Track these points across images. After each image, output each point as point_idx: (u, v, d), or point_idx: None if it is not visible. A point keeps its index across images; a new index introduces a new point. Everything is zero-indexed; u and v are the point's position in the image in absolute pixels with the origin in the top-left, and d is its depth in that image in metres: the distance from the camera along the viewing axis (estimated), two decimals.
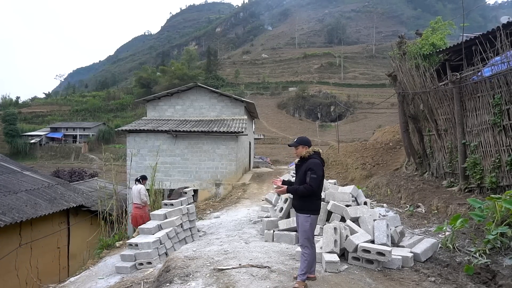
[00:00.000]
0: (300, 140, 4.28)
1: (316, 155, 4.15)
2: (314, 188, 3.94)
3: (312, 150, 4.16)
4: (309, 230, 4.01)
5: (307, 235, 4.00)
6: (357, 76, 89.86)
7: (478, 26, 70.80)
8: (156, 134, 16.79)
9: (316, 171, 3.96)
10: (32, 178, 11.91)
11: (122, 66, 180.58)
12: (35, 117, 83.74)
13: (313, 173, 3.97)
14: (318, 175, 3.96)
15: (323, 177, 4.07)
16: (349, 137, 47.95)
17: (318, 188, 4.01)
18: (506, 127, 6.69)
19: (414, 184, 9.71)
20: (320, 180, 4.01)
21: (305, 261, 3.89)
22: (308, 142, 4.26)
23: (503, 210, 4.77)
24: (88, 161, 60.26)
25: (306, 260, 3.90)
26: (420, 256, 4.81)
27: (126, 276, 6.04)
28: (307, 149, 4.19)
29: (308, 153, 4.14)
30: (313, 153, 4.14)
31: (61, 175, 23.34)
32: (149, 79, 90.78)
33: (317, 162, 4.05)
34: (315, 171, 3.96)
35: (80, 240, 11.55)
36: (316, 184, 3.95)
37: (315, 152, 4.16)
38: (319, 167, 4.02)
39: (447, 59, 11.26)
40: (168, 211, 7.37)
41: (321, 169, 4.04)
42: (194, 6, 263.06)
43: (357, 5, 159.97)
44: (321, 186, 4.09)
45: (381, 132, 24.54)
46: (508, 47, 6.59)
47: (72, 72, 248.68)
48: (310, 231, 4.03)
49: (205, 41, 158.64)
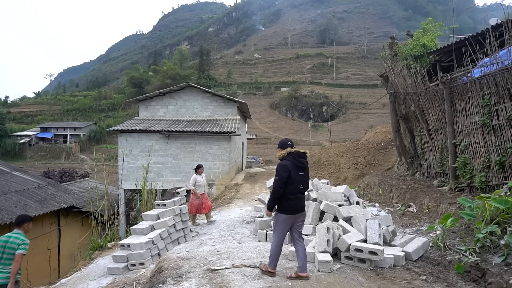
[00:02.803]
0: (278, 143, 4.48)
1: (290, 156, 4.22)
2: (276, 189, 4.10)
3: (286, 152, 4.26)
4: (275, 226, 4.31)
5: (274, 230, 4.30)
6: (349, 77, 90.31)
7: (468, 28, 71.66)
8: (148, 134, 16.69)
9: (278, 172, 4.14)
10: (21, 179, 11.75)
11: (114, 66, 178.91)
12: (24, 117, 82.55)
13: (276, 175, 4.18)
14: (279, 177, 4.10)
15: (287, 177, 4.10)
16: (341, 137, 48.20)
17: (280, 188, 4.09)
18: (495, 127, 6.79)
19: (405, 184, 9.79)
20: (282, 181, 4.09)
21: (271, 250, 4.22)
22: (282, 144, 4.38)
23: (492, 209, 4.83)
24: (79, 161, 59.62)
25: (272, 249, 4.20)
26: (411, 255, 4.86)
27: (118, 277, 6.00)
28: (280, 151, 4.34)
29: (281, 155, 4.29)
30: (286, 155, 4.24)
31: (51, 176, 23.07)
32: (141, 78, 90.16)
33: (282, 164, 4.18)
34: (277, 173, 4.15)
35: (71, 241, 11.43)
36: (277, 185, 4.09)
37: (289, 154, 4.24)
38: (282, 168, 4.13)
39: (437, 60, 11.40)
40: (160, 212, 7.34)
41: (285, 170, 4.11)
42: (187, 6, 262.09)
43: (349, 6, 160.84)
44: (286, 186, 4.11)
45: (373, 132, 24.71)
46: (497, 48, 6.68)
47: (62, 72, 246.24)
48: (276, 227, 4.27)
49: (198, 41, 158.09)
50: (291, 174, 4.11)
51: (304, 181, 4.28)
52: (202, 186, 9.03)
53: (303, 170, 4.27)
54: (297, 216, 4.23)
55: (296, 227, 4.31)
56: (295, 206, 4.19)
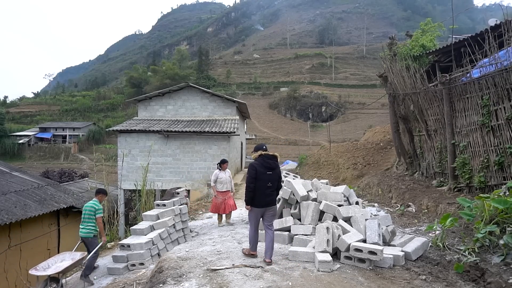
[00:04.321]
0: (254, 147, 5.23)
1: (260, 158, 4.97)
2: (247, 184, 4.94)
3: (258, 154, 5.02)
4: (249, 217, 5.13)
5: (249, 220, 5.14)
6: (348, 77, 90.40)
7: (466, 28, 71.81)
8: (148, 134, 16.69)
9: (248, 171, 4.97)
10: (21, 179, 11.73)
11: (113, 66, 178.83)
12: (23, 117, 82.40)
13: (247, 173, 5.03)
14: (249, 175, 4.92)
15: (254, 175, 4.86)
16: (340, 137, 48.27)
17: (251, 183, 4.87)
18: (494, 128, 6.81)
19: (404, 184, 9.81)
20: (251, 177, 4.88)
21: (249, 236, 5.11)
22: (257, 148, 5.13)
23: (491, 209, 4.85)
24: (78, 161, 59.53)
25: (249, 236, 5.10)
26: (411, 255, 4.87)
27: (118, 278, 6.00)
28: (254, 154, 5.10)
29: (255, 157, 5.05)
30: (258, 157, 5.00)
31: (50, 176, 23.02)
32: (140, 78, 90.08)
33: (251, 164, 4.98)
34: (248, 171, 4.99)
35: (70, 242, 11.40)
36: (248, 181, 4.94)
37: (260, 156, 4.99)
38: (251, 167, 4.93)
39: (436, 60, 11.42)
40: (160, 212, 7.35)
41: (253, 169, 4.90)
42: (186, 6, 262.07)
43: (348, 6, 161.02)
44: (256, 182, 4.86)
45: (372, 132, 24.75)
46: (496, 49, 6.71)
47: (61, 72, 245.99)
48: (250, 218, 5.11)
49: (197, 41, 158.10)
50: (258, 173, 4.86)
51: (271, 179, 4.95)
52: (225, 183, 8.24)
53: (272, 170, 4.95)
54: (266, 209, 4.97)
55: (266, 218, 5.03)
56: (263, 201, 4.91)
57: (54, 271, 5.62)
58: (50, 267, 5.76)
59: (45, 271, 5.61)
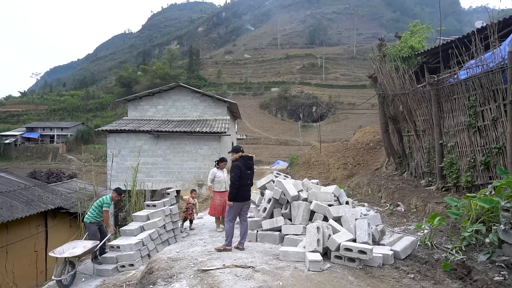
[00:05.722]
0: (232, 149, 5.90)
1: (241, 159, 5.61)
2: (233, 182, 5.47)
3: (239, 155, 5.62)
4: (228, 212, 5.67)
5: (228, 215, 5.69)
6: (338, 77, 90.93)
7: (454, 30, 72.82)
8: (138, 134, 16.55)
9: (233, 170, 5.52)
10: (7, 180, 11.53)
11: (102, 65, 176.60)
12: (9, 117, 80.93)
13: (231, 172, 5.56)
14: (234, 173, 5.47)
15: (239, 173, 5.47)
16: (331, 137, 48.50)
17: (236, 181, 5.45)
18: (481, 128, 6.93)
19: (394, 184, 9.92)
20: (236, 176, 5.45)
21: (226, 232, 5.63)
22: (236, 150, 5.75)
23: (477, 208, 4.94)
24: (66, 161, 58.72)
25: (227, 231, 5.61)
26: (400, 253, 4.93)
27: (108, 279, 5.95)
28: (234, 155, 5.67)
29: (235, 157, 5.64)
30: (238, 158, 5.61)
31: (38, 177, 22.68)
32: (129, 78, 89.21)
33: (235, 164, 5.55)
34: (233, 170, 5.53)
35: (58, 243, 11.19)
36: (234, 179, 5.47)
37: (241, 157, 5.62)
38: (236, 167, 5.52)
39: (425, 61, 11.57)
40: (150, 212, 7.30)
41: (238, 168, 5.49)
42: (176, 5, 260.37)
43: (338, 7, 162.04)
44: (240, 180, 5.48)
45: (362, 132, 24.97)
46: (482, 51, 6.82)
47: (49, 71, 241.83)
48: (230, 213, 5.66)
49: (187, 41, 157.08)
50: (241, 172, 5.50)
51: (250, 177, 5.75)
52: (222, 183, 7.78)
53: (251, 169, 5.73)
54: (244, 203, 5.70)
55: (243, 212, 5.75)
56: (243, 196, 5.63)
57: (69, 255, 6.30)
58: (65, 252, 6.40)
59: (61, 255, 6.30)
